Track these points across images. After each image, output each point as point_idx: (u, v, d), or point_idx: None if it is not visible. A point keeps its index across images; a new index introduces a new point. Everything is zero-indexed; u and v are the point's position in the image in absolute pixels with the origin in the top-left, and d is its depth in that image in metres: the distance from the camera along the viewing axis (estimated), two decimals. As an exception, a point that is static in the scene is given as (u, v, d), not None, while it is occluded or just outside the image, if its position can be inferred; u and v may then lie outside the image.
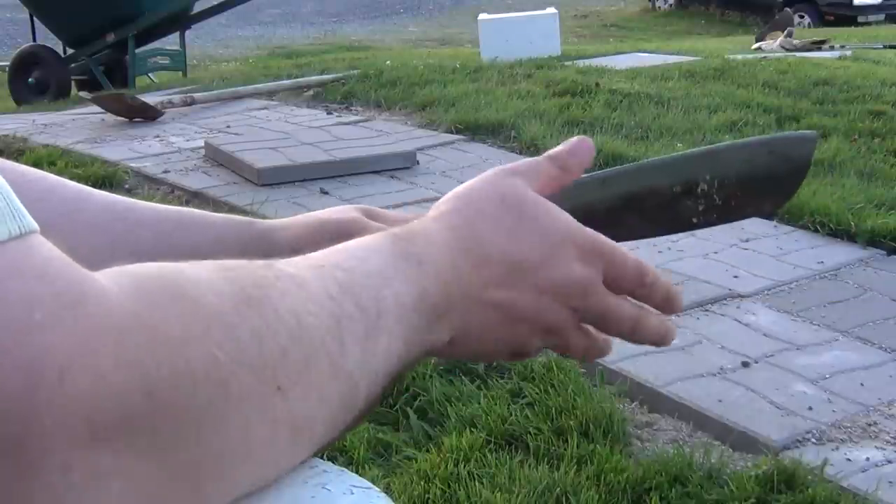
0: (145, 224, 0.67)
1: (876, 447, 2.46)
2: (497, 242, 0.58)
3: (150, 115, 5.96)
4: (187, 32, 9.25)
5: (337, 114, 6.13)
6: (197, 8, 8.98)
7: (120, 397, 0.37)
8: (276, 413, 0.43)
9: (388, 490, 2.15)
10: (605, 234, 0.62)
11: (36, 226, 0.39)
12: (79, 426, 0.36)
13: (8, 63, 8.87)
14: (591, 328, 0.63)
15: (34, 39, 9.07)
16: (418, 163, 4.91)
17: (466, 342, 0.58)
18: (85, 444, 0.36)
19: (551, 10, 8.67)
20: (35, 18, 8.85)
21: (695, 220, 0.69)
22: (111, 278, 0.39)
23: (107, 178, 4.69)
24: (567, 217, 0.60)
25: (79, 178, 4.53)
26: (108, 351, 0.37)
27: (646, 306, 0.65)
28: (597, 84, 6.38)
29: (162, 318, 0.39)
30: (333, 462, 0.52)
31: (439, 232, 0.57)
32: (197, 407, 0.39)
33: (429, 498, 2.23)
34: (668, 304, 0.66)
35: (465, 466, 2.31)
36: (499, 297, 0.57)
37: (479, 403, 2.57)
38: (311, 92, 6.73)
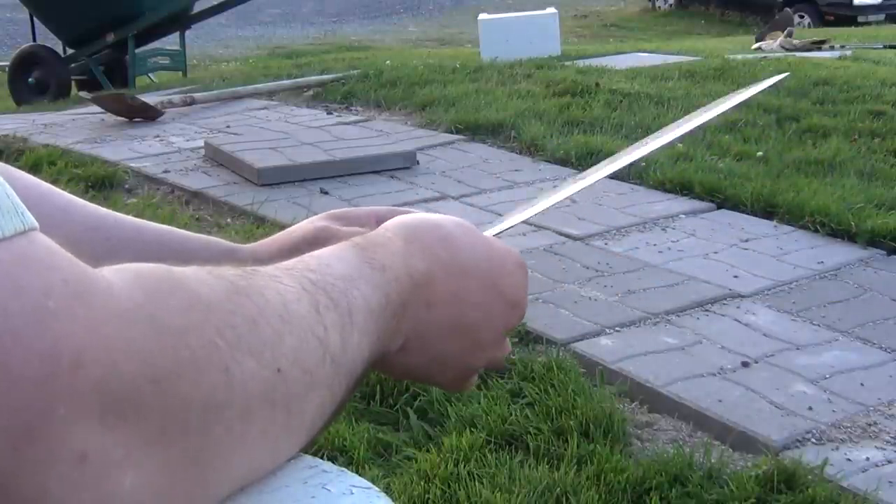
0: (128, 247, 0.69)
1: (876, 447, 2.46)
2: (449, 252, 0.62)
3: (150, 115, 5.96)
4: (187, 32, 9.25)
5: (337, 114, 6.13)
6: (197, 8, 8.98)
7: (129, 385, 0.38)
8: (275, 396, 0.45)
9: (388, 490, 2.15)
10: None
11: (36, 223, 0.40)
12: (93, 413, 0.37)
13: (8, 63, 8.87)
14: None
15: (34, 39, 9.06)
16: (418, 163, 4.91)
17: (417, 350, 0.61)
18: (97, 431, 0.37)
19: (551, 10, 8.67)
20: (35, 18, 8.84)
21: None
22: (112, 272, 0.41)
23: (107, 178, 4.68)
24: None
25: (79, 178, 4.55)
26: (118, 340, 0.38)
27: None
28: (597, 84, 6.37)
29: (164, 308, 0.40)
30: (333, 462, 0.53)
31: (396, 242, 0.60)
32: (201, 393, 0.40)
33: (429, 498, 2.23)
34: None
35: (465, 466, 2.31)
36: (449, 299, 0.61)
37: (479, 403, 2.57)
38: (311, 92, 6.73)
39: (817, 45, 8.90)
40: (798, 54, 8.14)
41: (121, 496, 0.38)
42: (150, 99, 6.28)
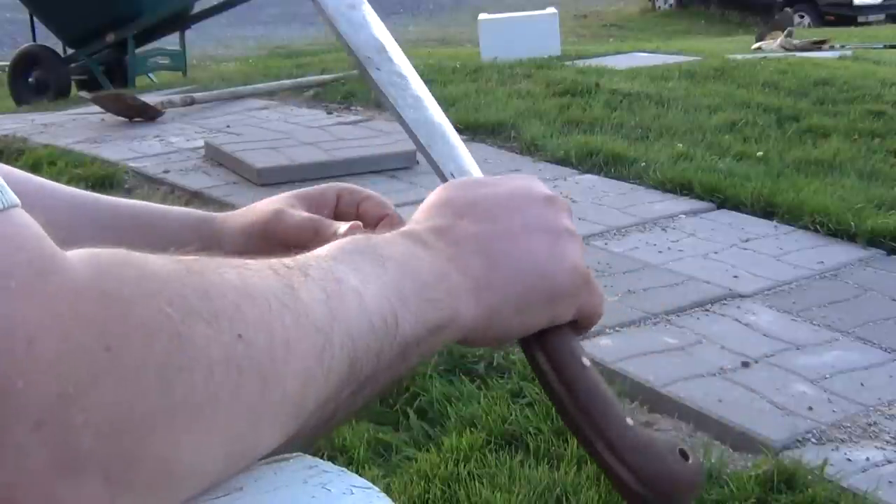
0: (104, 225, 0.72)
1: (876, 447, 2.46)
2: (460, 193, 0.64)
3: (150, 115, 5.96)
4: (187, 32, 9.24)
5: (337, 114, 6.13)
6: (197, 8, 8.98)
7: (83, 354, 0.40)
8: (239, 361, 0.45)
9: (388, 490, 2.15)
10: None
11: (17, 200, 0.42)
12: (49, 385, 0.39)
13: (8, 63, 8.86)
14: None
15: (34, 39, 9.06)
16: (418, 163, 4.90)
17: (490, 279, 0.59)
18: (55, 401, 0.39)
19: (551, 10, 8.67)
20: (35, 18, 8.84)
21: None
22: (73, 254, 0.43)
23: (107, 178, 4.69)
24: None
25: (79, 178, 4.55)
26: (72, 314, 0.40)
27: None
28: (597, 84, 6.37)
29: (115, 281, 0.43)
30: (333, 462, 0.52)
31: (390, 232, 0.61)
32: (154, 356, 0.42)
33: (429, 498, 2.23)
34: None
35: (465, 466, 2.31)
36: (481, 210, 0.62)
37: (479, 403, 2.57)
38: (311, 92, 6.73)
39: (817, 45, 8.90)
40: (798, 54, 8.14)
41: (81, 460, 0.40)
42: (150, 99, 6.28)
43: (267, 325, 0.47)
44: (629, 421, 0.60)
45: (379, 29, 0.77)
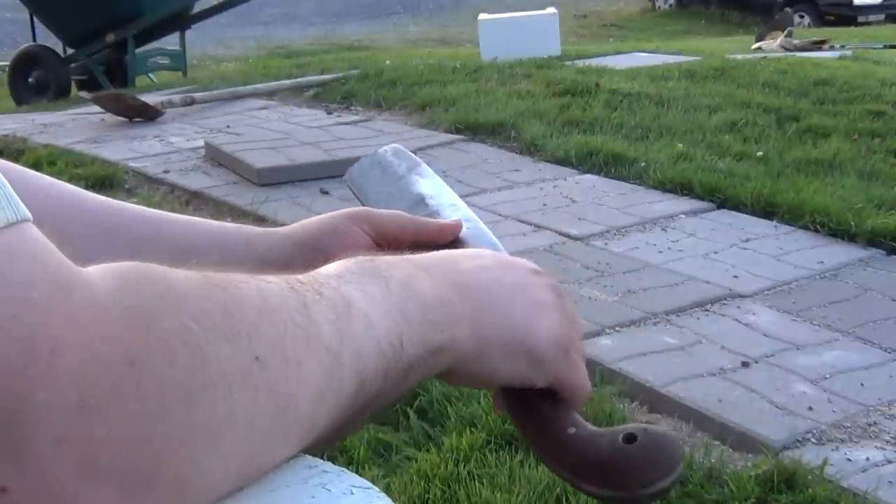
0: (139, 218, 0.72)
1: (876, 447, 2.46)
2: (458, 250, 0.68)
3: (150, 115, 5.96)
4: (187, 32, 9.24)
5: (337, 114, 6.13)
6: (197, 8, 8.98)
7: (106, 368, 0.40)
8: (256, 382, 0.45)
9: (388, 490, 2.15)
10: None
11: (29, 215, 0.42)
12: (71, 397, 0.38)
13: (8, 63, 8.86)
14: None
15: (34, 39, 9.06)
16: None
17: (485, 316, 0.61)
18: (76, 414, 0.39)
19: (551, 10, 8.67)
20: (35, 18, 8.84)
21: None
22: (93, 269, 0.43)
23: (107, 178, 4.69)
24: None
25: (79, 178, 4.55)
26: (95, 327, 0.40)
27: None
28: (597, 84, 6.37)
29: (138, 295, 0.42)
30: (333, 462, 0.52)
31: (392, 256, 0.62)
32: (177, 373, 0.42)
33: (429, 498, 2.23)
34: None
35: (465, 466, 2.31)
36: (469, 265, 0.64)
37: (479, 403, 2.58)
38: (311, 92, 6.73)
39: (817, 45, 8.90)
40: (798, 54, 8.14)
41: (99, 473, 0.39)
42: (150, 99, 6.28)
43: (281, 345, 0.47)
44: (571, 430, 0.63)
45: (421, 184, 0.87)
